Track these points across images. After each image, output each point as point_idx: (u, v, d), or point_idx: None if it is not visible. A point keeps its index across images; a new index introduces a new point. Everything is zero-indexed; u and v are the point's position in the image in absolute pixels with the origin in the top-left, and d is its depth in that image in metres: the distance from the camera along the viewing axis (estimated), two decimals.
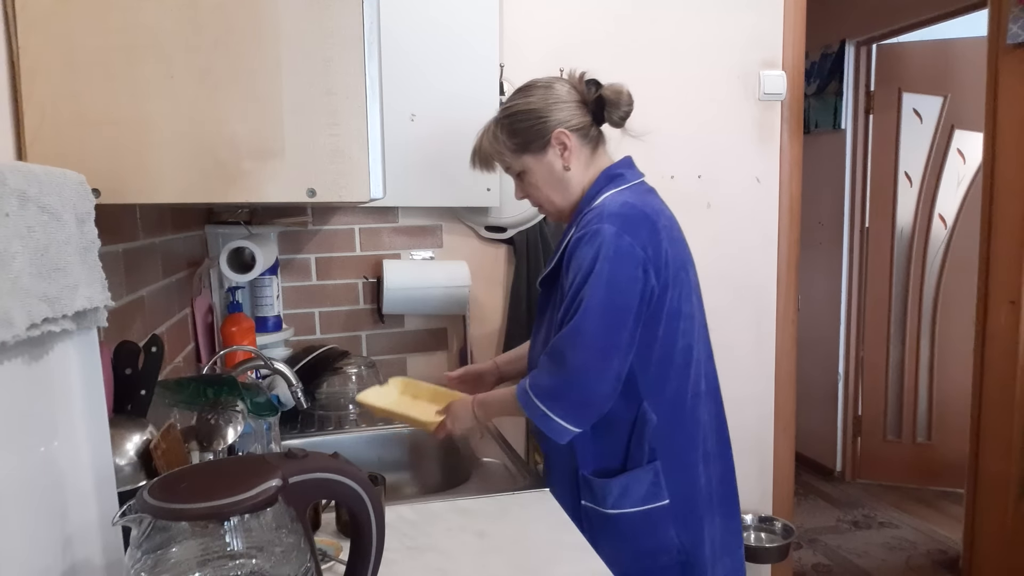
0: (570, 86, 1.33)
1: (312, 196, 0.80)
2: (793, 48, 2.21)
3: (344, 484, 0.72)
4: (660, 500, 1.25)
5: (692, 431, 1.30)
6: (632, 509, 1.24)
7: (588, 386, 1.17)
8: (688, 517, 1.27)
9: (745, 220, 2.26)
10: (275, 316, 1.86)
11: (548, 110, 1.29)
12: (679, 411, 1.28)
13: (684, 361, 1.27)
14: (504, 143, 1.32)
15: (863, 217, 3.53)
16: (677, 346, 1.26)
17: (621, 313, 1.18)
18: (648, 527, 1.25)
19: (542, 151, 1.30)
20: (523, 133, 1.30)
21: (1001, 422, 2.33)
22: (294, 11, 0.78)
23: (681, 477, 1.27)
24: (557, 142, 1.29)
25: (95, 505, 0.71)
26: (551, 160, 1.30)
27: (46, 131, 0.73)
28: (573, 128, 1.30)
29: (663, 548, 1.26)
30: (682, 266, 1.27)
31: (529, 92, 1.33)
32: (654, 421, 1.24)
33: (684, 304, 1.27)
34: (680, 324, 1.26)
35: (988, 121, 2.33)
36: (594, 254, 1.18)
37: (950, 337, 3.39)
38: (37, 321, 0.57)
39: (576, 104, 1.31)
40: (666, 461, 1.25)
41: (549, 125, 1.29)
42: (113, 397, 0.85)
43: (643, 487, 1.25)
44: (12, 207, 0.55)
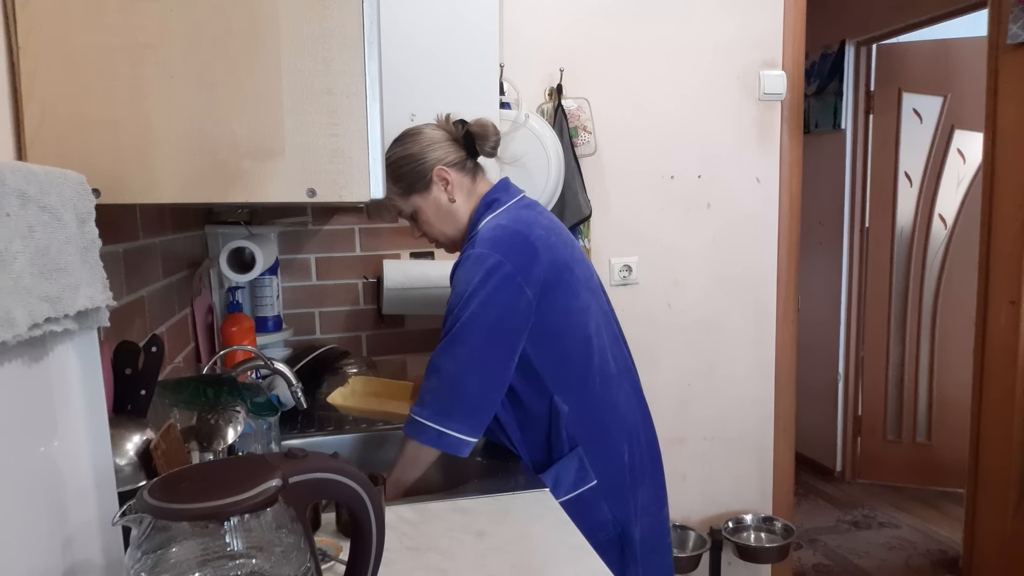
0: (439, 128, 1.45)
1: (312, 196, 0.80)
2: (793, 48, 2.21)
3: (344, 484, 0.72)
4: (589, 482, 1.36)
5: (608, 413, 1.40)
6: (567, 496, 1.34)
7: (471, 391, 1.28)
8: (617, 491, 1.38)
9: (745, 220, 2.26)
10: (275, 316, 1.86)
11: (424, 152, 1.40)
12: (590, 397, 1.38)
13: (585, 351, 1.37)
14: (391, 190, 1.42)
15: (863, 217, 3.53)
16: (575, 338, 1.37)
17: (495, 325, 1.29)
18: (583, 509, 1.33)
19: (427, 189, 1.41)
20: (406, 177, 1.40)
21: (1001, 422, 2.33)
22: (294, 11, 0.78)
23: (605, 457, 1.38)
24: (439, 178, 1.40)
25: (95, 505, 0.71)
26: (436, 196, 1.41)
27: (46, 131, 0.73)
28: (450, 164, 1.41)
29: (599, 525, 1.36)
30: (564, 267, 1.36)
31: (403, 141, 1.43)
32: (566, 411, 1.35)
33: (572, 300, 1.37)
34: (570, 319, 1.36)
35: (988, 121, 2.33)
36: (467, 277, 1.30)
37: (950, 337, 3.39)
38: (39, 321, 0.57)
39: (448, 142, 1.42)
40: (587, 445, 1.37)
41: (428, 165, 1.40)
42: (113, 397, 0.85)
43: (571, 473, 1.35)
44: (12, 207, 0.56)
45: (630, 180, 2.16)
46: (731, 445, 2.33)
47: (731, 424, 2.31)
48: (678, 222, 2.21)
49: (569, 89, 2.07)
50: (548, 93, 2.06)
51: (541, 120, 2.01)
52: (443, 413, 1.27)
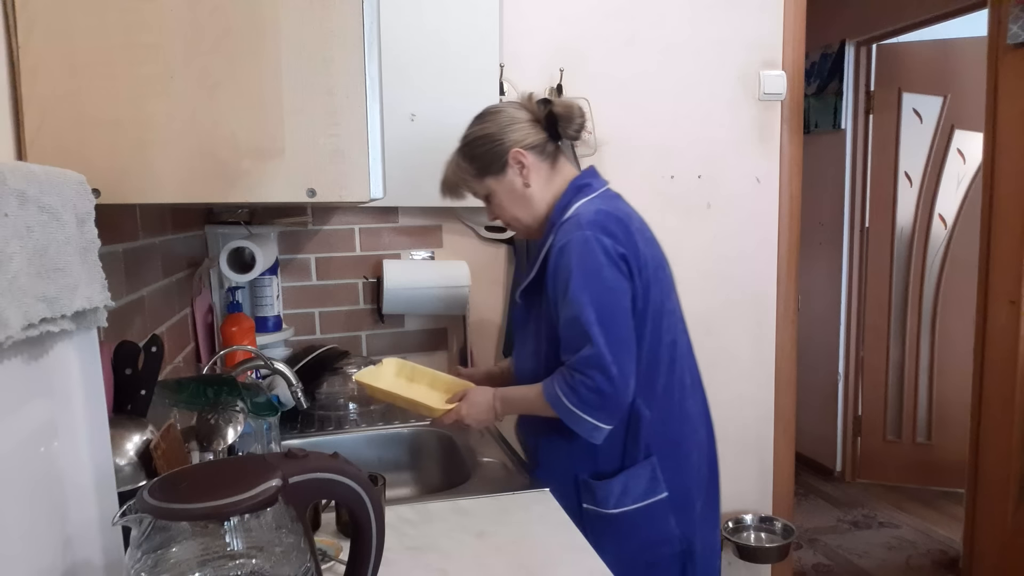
0: (522, 107, 1.38)
1: (312, 196, 0.80)
2: (793, 48, 2.21)
3: (344, 484, 0.72)
4: (659, 494, 1.30)
5: (683, 423, 1.35)
6: (633, 506, 1.29)
7: (625, 391, 1.22)
8: (684, 506, 1.33)
9: (745, 220, 2.26)
10: (275, 316, 1.86)
11: (502, 133, 1.35)
12: (670, 405, 1.32)
13: (670, 357, 1.32)
14: (466, 170, 1.38)
15: (863, 217, 3.53)
16: (663, 342, 1.31)
17: (621, 314, 1.23)
18: (649, 521, 1.30)
19: (501, 172, 1.36)
20: (481, 158, 1.36)
21: (1001, 422, 2.33)
22: (294, 11, 0.78)
23: (677, 469, 1.32)
24: (515, 161, 1.34)
25: (95, 505, 0.71)
26: (511, 179, 1.35)
27: (46, 131, 0.73)
28: (528, 146, 1.34)
29: (665, 539, 1.32)
30: (659, 265, 1.33)
31: (483, 119, 1.39)
32: (648, 417, 1.29)
33: (666, 301, 1.32)
34: (664, 321, 1.31)
35: (988, 121, 2.33)
36: (580, 261, 1.23)
37: (950, 337, 3.39)
38: (35, 321, 0.57)
39: (529, 123, 1.36)
40: (662, 455, 1.30)
41: (505, 146, 1.34)
42: (113, 397, 0.85)
43: (642, 483, 1.29)
44: (12, 207, 0.55)
45: (630, 180, 2.16)
46: (731, 445, 2.32)
47: (731, 424, 2.31)
48: (678, 222, 2.20)
49: (569, 89, 2.06)
50: (548, 93, 2.06)
51: None
52: (598, 408, 1.21)
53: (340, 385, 1.76)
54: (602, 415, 1.22)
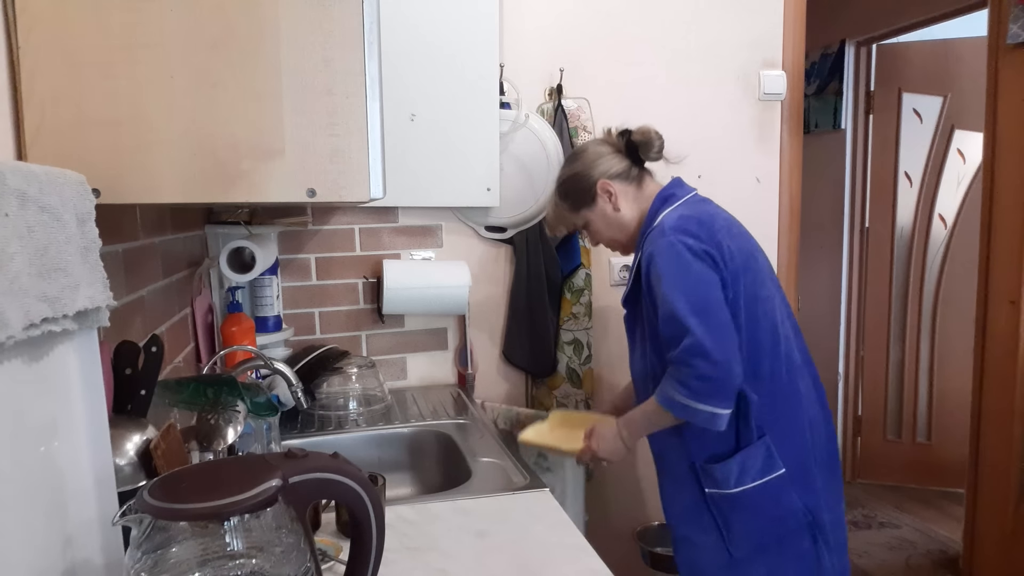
0: (604, 142, 1.55)
1: (312, 196, 0.80)
2: (793, 48, 2.21)
3: (344, 484, 0.72)
4: (777, 470, 1.38)
5: (794, 402, 1.42)
6: (753, 484, 1.38)
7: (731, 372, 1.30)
8: (804, 480, 1.40)
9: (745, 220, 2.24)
10: (275, 316, 1.85)
11: (589, 168, 1.51)
12: (778, 386, 1.40)
13: (772, 340, 1.40)
14: (563, 207, 1.57)
15: (863, 217, 3.53)
16: (761, 327, 1.39)
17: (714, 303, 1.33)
18: (771, 497, 1.38)
19: (593, 203, 1.52)
20: (574, 194, 1.53)
21: (1001, 422, 2.33)
22: (294, 11, 0.78)
23: (792, 446, 1.40)
24: (603, 191, 1.50)
25: (95, 505, 0.71)
26: (603, 208, 1.51)
27: (46, 131, 0.73)
28: (613, 176, 1.50)
29: (790, 513, 1.39)
30: (750, 255, 1.41)
31: (572, 160, 1.57)
32: (756, 400, 1.37)
33: (760, 289, 1.40)
34: (759, 307, 1.39)
35: (988, 121, 2.33)
36: (668, 263, 1.34)
37: (950, 337, 3.39)
38: (36, 321, 0.57)
39: (612, 154, 1.52)
40: (775, 434, 1.39)
41: (592, 180, 1.50)
42: (113, 397, 0.85)
43: (758, 461, 1.38)
44: (12, 207, 0.55)
45: None
46: None
47: None
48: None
49: (569, 89, 2.07)
50: (548, 93, 2.06)
51: (541, 120, 2.01)
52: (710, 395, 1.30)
53: (340, 385, 1.76)
54: (716, 400, 1.30)
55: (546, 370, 2.07)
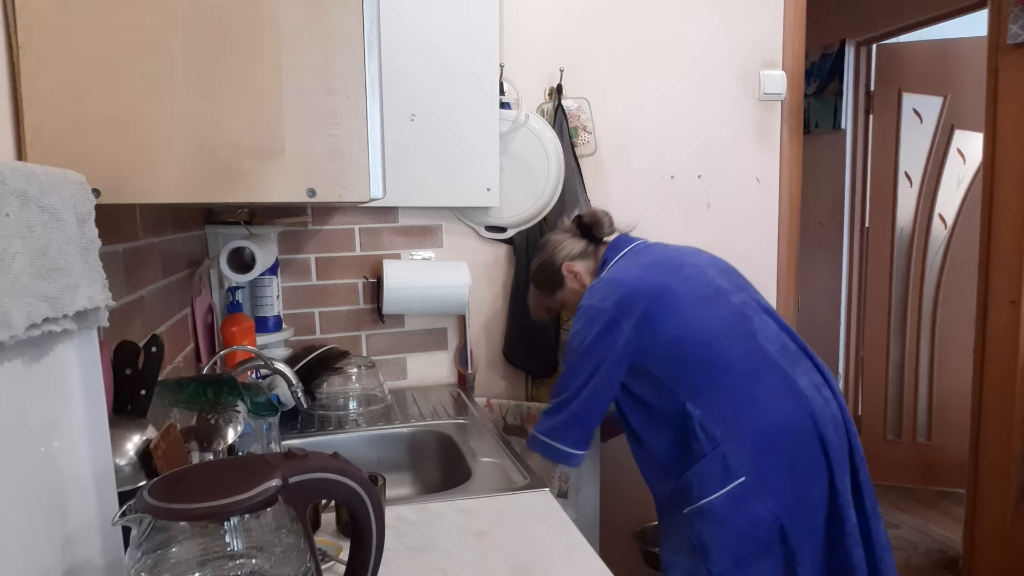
0: (562, 230, 1.75)
1: (312, 196, 0.80)
2: (793, 48, 2.21)
3: (344, 484, 0.72)
4: (736, 479, 1.39)
5: (748, 410, 1.43)
6: (716, 495, 1.39)
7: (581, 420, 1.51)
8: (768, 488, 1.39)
9: (745, 220, 2.26)
10: (275, 316, 1.85)
11: (552, 257, 1.71)
12: (723, 398, 1.43)
13: (706, 357, 1.45)
14: (539, 295, 1.78)
15: (863, 217, 3.53)
16: (690, 348, 1.46)
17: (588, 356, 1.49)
18: (736, 507, 1.38)
19: (563, 285, 1.71)
20: (546, 282, 1.74)
21: (1001, 422, 2.33)
22: (294, 11, 0.78)
23: (749, 454, 1.40)
24: (568, 272, 1.69)
25: (95, 505, 0.71)
26: (571, 287, 1.70)
27: (46, 131, 0.73)
28: (574, 257, 1.69)
29: (757, 521, 1.38)
30: (662, 291, 1.49)
31: (538, 253, 1.78)
32: (698, 414, 1.42)
33: (676, 317, 1.47)
34: (682, 333, 1.46)
35: (988, 121, 2.33)
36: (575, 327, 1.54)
37: (950, 337, 3.39)
38: (37, 321, 0.57)
39: (570, 239, 1.71)
40: (731, 444, 1.40)
41: (557, 265, 1.70)
42: (113, 397, 0.85)
43: (716, 472, 1.39)
44: (12, 207, 0.55)
45: (630, 180, 2.16)
46: None
47: None
48: (678, 222, 2.20)
49: (569, 89, 2.07)
50: (548, 93, 2.06)
51: (541, 120, 2.01)
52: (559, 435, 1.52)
53: (340, 385, 1.76)
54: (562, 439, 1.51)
55: (546, 370, 2.07)
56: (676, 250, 1.63)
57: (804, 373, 1.48)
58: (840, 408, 1.51)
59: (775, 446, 1.41)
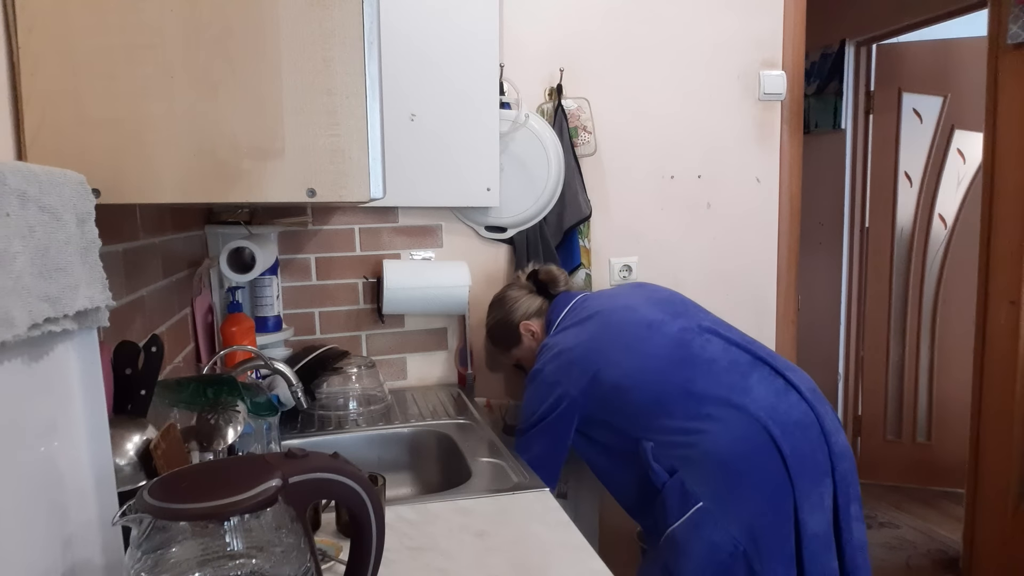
0: (518, 287, 1.80)
1: (312, 196, 0.80)
2: (793, 48, 2.21)
3: (344, 484, 0.72)
4: (694, 504, 1.39)
5: (697, 436, 1.42)
6: (678, 522, 1.40)
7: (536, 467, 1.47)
8: (726, 509, 1.38)
9: (745, 220, 2.26)
10: (275, 316, 1.85)
11: (509, 315, 1.76)
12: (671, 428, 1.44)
13: (648, 396, 1.47)
14: (495, 351, 1.88)
15: (863, 217, 3.53)
16: (632, 392, 1.48)
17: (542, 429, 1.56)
18: (695, 533, 1.38)
19: (519, 342, 1.77)
20: (502, 339, 1.80)
21: (1001, 422, 2.33)
22: (294, 11, 0.78)
23: (704, 479, 1.40)
24: (525, 331, 1.75)
25: (95, 505, 0.71)
26: (528, 344, 1.76)
27: (46, 131, 0.73)
28: (531, 315, 1.75)
29: (718, 546, 1.37)
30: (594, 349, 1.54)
31: (493, 310, 1.83)
32: (651, 446, 1.44)
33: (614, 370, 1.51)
34: (622, 382, 1.49)
35: (988, 121, 2.33)
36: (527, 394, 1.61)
37: (950, 337, 3.39)
38: (38, 321, 0.57)
39: (527, 296, 1.76)
40: (686, 470, 1.41)
41: (514, 324, 1.76)
42: (113, 397, 0.85)
43: (675, 499, 1.40)
44: (12, 207, 0.55)
45: (630, 180, 2.16)
46: None
47: None
48: (678, 222, 2.21)
49: (569, 89, 2.07)
50: (548, 93, 2.06)
51: (541, 120, 2.01)
52: None
53: (340, 385, 1.76)
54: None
55: None
56: (611, 296, 1.67)
57: (760, 383, 1.45)
58: (812, 408, 1.45)
59: (730, 467, 1.38)
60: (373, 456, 1.63)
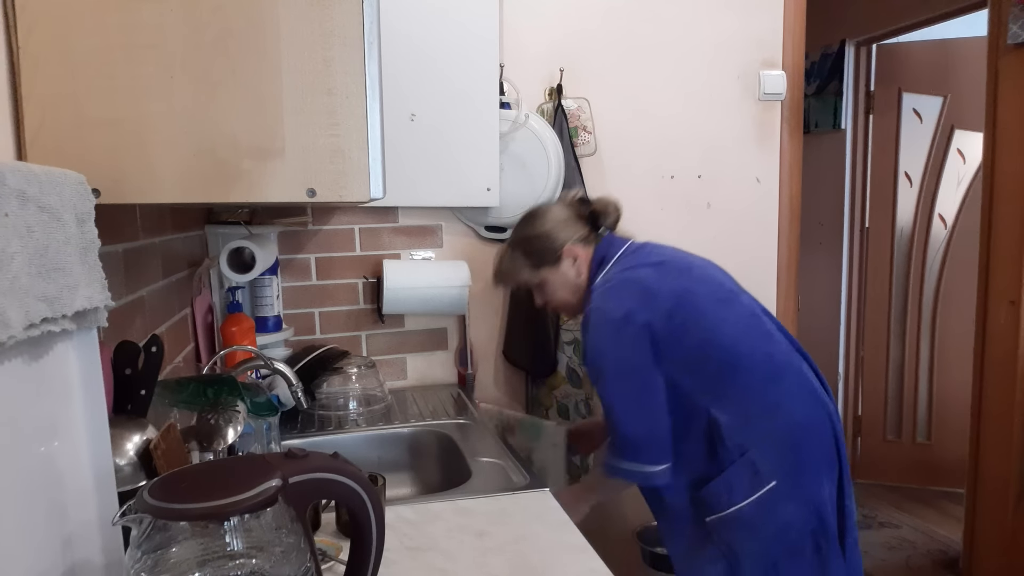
0: (566, 206, 1.59)
1: (312, 196, 0.80)
2: (793, 48, 2.21)
3: (344, 484, 0.72)
4: (767, 484, 1.36)
5: (772, 414, 1.40)
6: (746, 501, 1.36)
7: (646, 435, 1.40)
8: (800, 487, 1.38)
9: (745, 220, 2.26)
10: (275, 316, 1.85)
11: (555, 231, 1.54)
12: (748, 403, 1.40)
13: (728, 362, 1.40)
14: (522, 263, 1.57)
15: (863, 217, 3.53)
16: (713, 354, 1.40)
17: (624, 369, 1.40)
18: (768, 511, 1.36)
19: (556, 264, 1.54)
20: (537, 254, 1.55)
21: (1001, 422, 2.33)
22: (294, 11, 0.78)
23: (779, 457, 1.38)
24: (568, 255, 1.53)
25: (95, 505, 0.71)
26: (565, 271, 1.54)
27: (46, 131, 0.73)
28: (577, 241, 1.54)
29: (791, 525, 1.37)
30: (683, 293, 1.43)
31: (533, 219, 1.59)
32: (725, 420, 1.38)
33: (700, 319, 1.41)
34: (703, 337, 1.40)
35: (988, 121, 2.33)
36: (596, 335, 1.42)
37: (950, 337, 3.39)
38: (36, 321, 0.57)
39: (575, 220, 1.56)
40: (759, 448, 1.37)
41: (559, 242, 1.53)
42: (113, 397, 0.85)
43: (745, 479, 1.37)
44: (12, 207, 0.55)
45: (630, 180, 2.16)
46: None
47: None
48: (678, 222, 2.21)
49: (569, 89, 2.07)
50: (548, 93, 2.06)
51: (541, 120, 2.01)
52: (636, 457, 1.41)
53: (340, 385, 1.76)
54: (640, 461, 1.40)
55: (546, 370, 2.07)
56: (676, 251, 1.56)
57: (810, 371, 1.48)
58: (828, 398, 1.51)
59: (801, 448, 1.40)
60: (373, 456, 1.63)
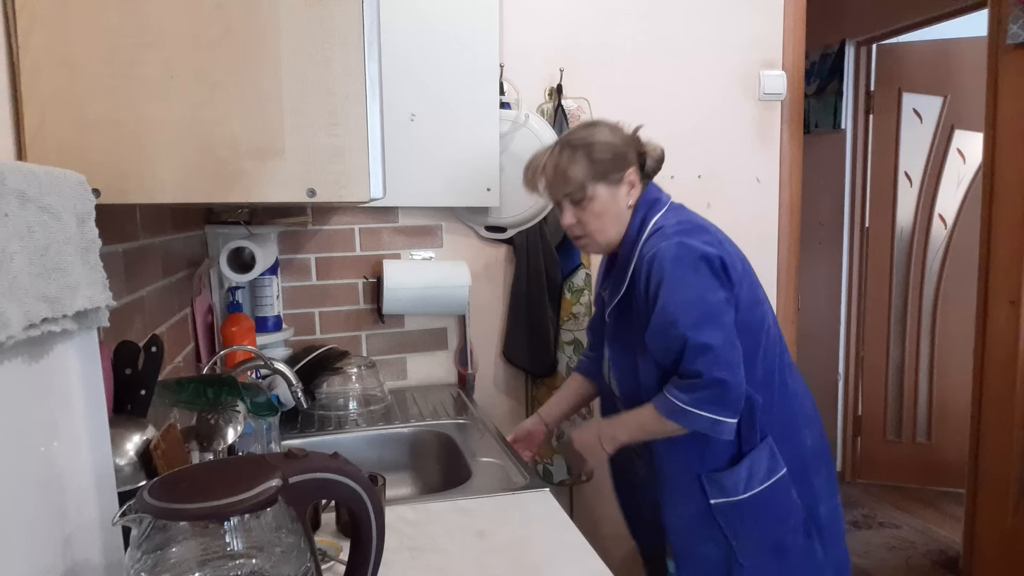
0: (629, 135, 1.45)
1: (312, 196, 0.80)
2: (793, 48, 2.21)
3: (344, 484, 0.72)
4: (780, 471, 1.38)
5: (791, 402, 1.43)
6: (760, 488, 1.37)
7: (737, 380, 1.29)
8: (803, 477, 1.41)
9: (745, 220, 2.25)
10: (275, 316, 1.85)
11: (627, 152, 1.41)
12: (776, 388, 1.41)
13: (769, 343, 1.40)
14: (584, 167, 1.38)
15: (863, 217, 3.53)
16: (761, 331, 1.39)
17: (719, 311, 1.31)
18: (776, 498, 1.38)
19: (617, 183, 1.40)
20: (604, 163, 1.38)
21: (1001, 422, 2.33)
22: (294, 11, 0.78)
23: (791, 444, 1.41)
24: (628, 182, 1.41)
25: (95, 505, 0.71)
26: (621, 194, 1.40)
27: (46, 131, 0.73)
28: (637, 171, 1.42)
29: (791, 511, 1.40)
30: (744, 260, 1.42)
31: (604, 127, 1.44)
32: (760, 402, 1.36)
33: (756, 291, 1.41)
34: (757, 311, 1.39)
35: (988, 121, 2.33)
36: (672, 269, 1.30)
37: (950, 337, 3.39)
38: (36, 321, 0.57)
39: (633, 151, 1.43)
40: (775, 434, 1.39)
41: (627, 162, 1.40)
42: (113, 397, 0.85)
43: (763, 464, 1.37)
44: (12, 207, 0.55)
45: None
46: None
47: None
48: None
49: (569, 89, 2.06)
50: (548, 93, 2.06)
51: (541, 120, 2.01)
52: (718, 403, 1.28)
53: (340, 385, 1.76)
54: (720, 408, 1.28)
55: (546, 370, 2.07)
56: None
57: None
58: None
59: (806, 437, 1.45)
60: (373, 456, 1.63)
